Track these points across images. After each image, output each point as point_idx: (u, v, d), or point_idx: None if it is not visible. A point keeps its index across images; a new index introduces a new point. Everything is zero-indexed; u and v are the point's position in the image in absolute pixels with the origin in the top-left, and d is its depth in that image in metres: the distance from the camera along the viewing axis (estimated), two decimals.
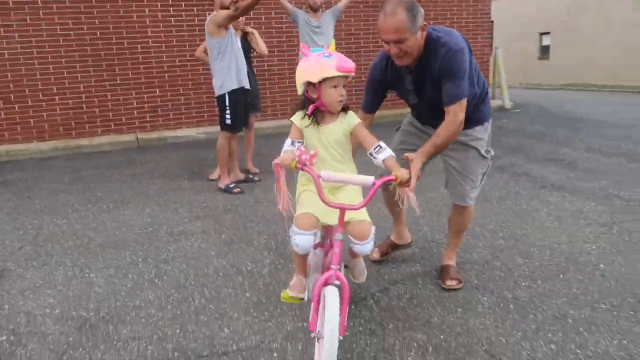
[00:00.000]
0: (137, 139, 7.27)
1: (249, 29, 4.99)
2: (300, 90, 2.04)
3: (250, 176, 4.95)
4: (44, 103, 7.06)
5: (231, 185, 4.55)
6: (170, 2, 7.43)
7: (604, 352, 2.00)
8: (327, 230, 2.13)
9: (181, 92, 7.73)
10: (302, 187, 2.13)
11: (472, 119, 2.38)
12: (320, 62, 1.93)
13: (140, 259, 3.12)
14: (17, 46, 6.78)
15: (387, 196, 2.76)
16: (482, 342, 2.10)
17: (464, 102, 2.20)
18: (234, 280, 2.78)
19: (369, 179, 1.85)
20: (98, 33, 7.14)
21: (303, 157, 1.89)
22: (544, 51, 19.50)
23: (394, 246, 2.98)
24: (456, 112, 2.19)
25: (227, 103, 4.41)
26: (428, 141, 2.23)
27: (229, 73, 4.38)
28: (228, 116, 4.43)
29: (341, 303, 1.75)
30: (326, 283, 1.81)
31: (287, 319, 2.34)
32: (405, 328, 2.23)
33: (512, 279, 2.67)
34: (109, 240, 3.48)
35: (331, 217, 1.93)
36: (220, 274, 2.87)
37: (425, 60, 2.23)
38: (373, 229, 2.01)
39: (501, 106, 9.49)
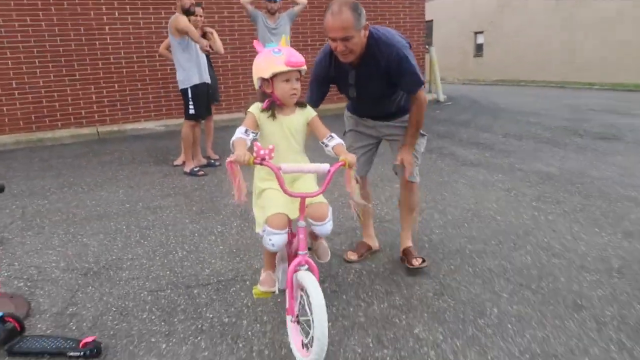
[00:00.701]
0: (97, 131, 7.61)
1: (208, 29, 5.53)
2: (256, 85, 2.14)
3: (212, 161, 5.51)
4: (3, 97, 7.27)
5: (196, 169, 5.10)
6: (127, 1, 7.80)
7: (489, 269, 2.78)
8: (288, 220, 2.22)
9: (139, 87, 8.11)
10: (262, 184, 2.17)
11: (403, 109, 2.69)
12: (271, 58, 2.03)
13: (124, 227, 3.66)
14: None
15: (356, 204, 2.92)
16: (409, 271, 2.83)
17: (423, 87, 2.56)
18: (208, 239, 3.38)
19: (325, 166, 1.97)
20: (56, 29, 7.41)
21: (262, 152, 1.88)
22: (479, 49, 20.96)
23: (368, 249, 3.02)
24: (421, 97, 2.52)
25: (190, 95, 4.97)
26: (406, 135, 2.61)
27: (191, 69, 4.94)
28: (192, 107, 4.99)
29: None
30: (296, 269, 1.96)
31: (256, 261, 2.98)
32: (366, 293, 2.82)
33: (428, 228, 3.44)
34: (92, 214, 3.97)
35: (297, 211, 2.02)
36: (196, 234, 3.46)
37: (369, 57, 2.41)
38: (330, 209, 2.13)
39: (436, 99, 10.47)
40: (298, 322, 2.02)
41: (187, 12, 4.87)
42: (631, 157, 5.23)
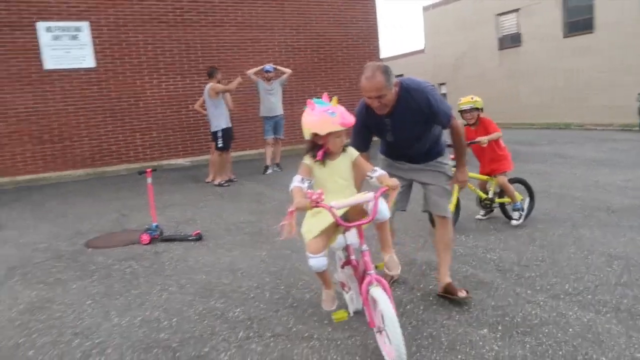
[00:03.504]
0: (142, 166, 10.40)
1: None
2: (307, 136, 2.45)
3: (233, 178, 8.30)
4: (76, 142, 10.11)
5: (223, 182, 7.89)
6: (162, 73, 10.81)
7: None
8: (347, 248, 2.57)
9: (170, 133, 10.99)
10: (308, 219, 2.50)
11: (434, 152, 3.05)
12: (327, 118, 2.34)
13: (196, 207, 6.39)
14: (55, 106, 9.88)
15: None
16: None
17: (454, 115, 2.90)
18: (239, 209, 6.11)
19: (370, 195, 2.29)
20: (113, 95, 10.36)
21: (314, 197, 2.21)
22: (444, 97, 24.32)
23: (392, 278, 3.27)
24: (456, 124, 2.92)
25: (219, 135, 7.82)
26: (457, 160, 3.10)
27: (220, 118, 7.82)
28: (220, 142, 7.83)
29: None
30: (368, 287, 2.26)
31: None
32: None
33: None
34: (166, 204, 6.70)
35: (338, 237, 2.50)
36: (230, 211, 6.18)
37: (402, 104, 2.76)
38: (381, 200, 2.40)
39: None
40: (381, 332, 2.31)
41: (219, 82, 7.86)
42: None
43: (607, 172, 7.16)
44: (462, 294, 2.92)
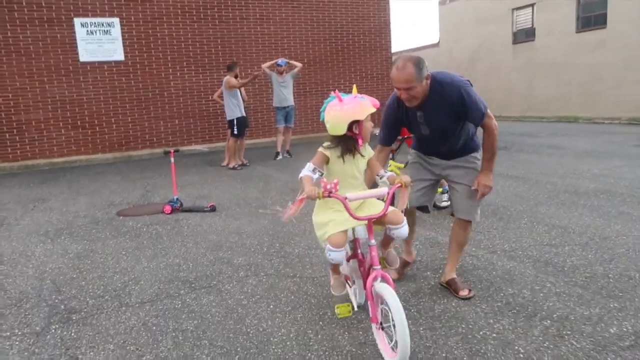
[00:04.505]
0: (164, 151, 11.30)
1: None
2: (343, 130, 2.39)
3: (245, 162, 9.14)
4: (106, 129, 11.09)
5: (236, 166, 8.73)
6: (185, 66, 11.69)
7: None
8: (355, 242, 2.60)
9: (191, 121, 11.89)
10: (323, 209, 2.53)
11: (468, 148, 2.95)
12: (361, 103, 2.39)
13: (206, 185, 7.24)
14: (87, 95, 10.86)
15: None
16: None
17: (489, 112, 2.74)
18: (248, 187, 6.94)
19: (384, 190, 2.32)
20: (141, 85, 11.29)
21: (328, 186, 2.20)
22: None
23: (406, 264, 3.32)
24: (490, 123, 2.75)
25: (235, 123, 8.66)
26: (484, 162, 2.85)
27: (235, 108, 8.65)
28: (235, 130, 8.66)
29: None
30: (373, 282, 2.28)
31: (290, 197, 6.51)
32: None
33: None
34: (188, 182, 7.57)
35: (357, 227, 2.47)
36: (240, 188, 7.01)
37: (434, 98, 2.72)
38: (404, 216, 2.48)
39: None
40: (382, 329, 2.29)
41: (235, 76, 8.67)
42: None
43: (590, 162, 7.74)
44: (463, 292, 2.94)
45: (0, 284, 3.65)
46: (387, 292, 2.17)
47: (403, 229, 2.47)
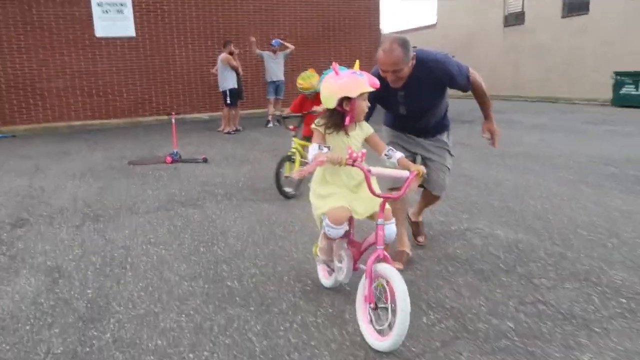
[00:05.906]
0: (167, 113, 12.66)
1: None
2: (333, 104, 2.30)
3: (239, 128, 10.47)
4: (117, 97, 12.43)
5: (231, 131, 10.08)
6: (190, 42, 12.93)
7: None
8: (350, 221, 2.53)
9: (194, 92, 13.20)
10: (323, 182, 2.48)
11: (440, 126, 3.08)
12: (357, 79, 2.28)
13: (209, 147, 8.60)
14: (102, 67, 12.17)
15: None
16: None
17: (471, 70, 2.85)
18: (244, 147, 8.28)
19: (405, 173, 2.28)
20: (149, 58, 12.57)
21: (354, 154, 2.12)
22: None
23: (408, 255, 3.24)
24: (475, 80, 2.86)
25: (227, 94, 9.97)
26: (483, 111, 3.02)
27: (229, 80, 9.95)
28: (229, 100, 9.98)
29: None
30: (376, 260, 2.21)
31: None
32: None
33: None
34: (193, 142, 8.92)
35: (357, 210, 2.41)
36: (240, 149, 8.35)
37: (416, 75, 2.72)
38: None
39: None
40: (376, 309, 2.23)
41: (230, 53, 9.93)
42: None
43: (534, 134, 8.93)
44: (420, 238, 3.41)
45: (47, 202, 5.06)
46: (393, 273, 2.12)
47: (393, 226, 2.42)
